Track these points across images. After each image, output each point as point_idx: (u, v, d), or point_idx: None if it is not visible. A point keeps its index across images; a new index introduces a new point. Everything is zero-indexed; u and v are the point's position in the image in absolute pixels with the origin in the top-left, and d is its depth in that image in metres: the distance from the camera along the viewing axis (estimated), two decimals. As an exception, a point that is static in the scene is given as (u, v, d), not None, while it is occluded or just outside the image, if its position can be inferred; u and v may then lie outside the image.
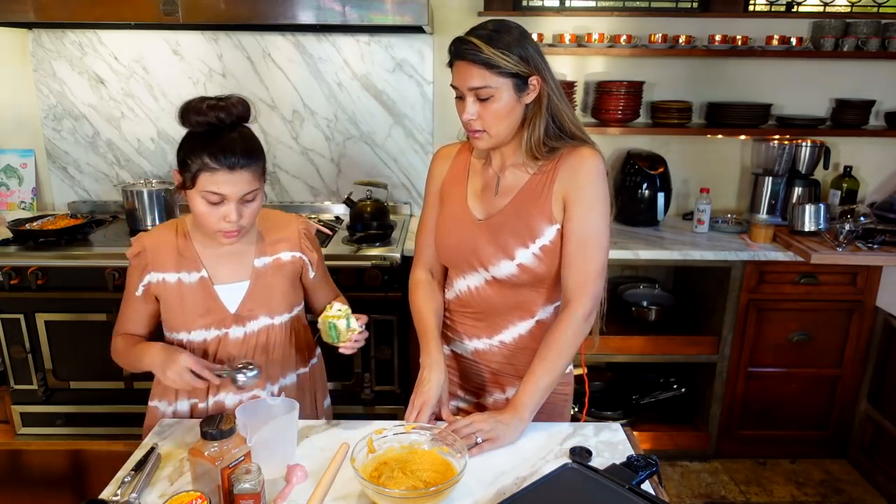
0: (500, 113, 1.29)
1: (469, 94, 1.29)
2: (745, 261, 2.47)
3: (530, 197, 1.36)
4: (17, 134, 2.87)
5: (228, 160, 1.25)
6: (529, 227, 1.35)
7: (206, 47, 2.76)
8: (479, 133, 1.32)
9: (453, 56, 1.30)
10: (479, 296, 1.44)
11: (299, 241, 1.48)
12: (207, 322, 1.41)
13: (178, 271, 1.39)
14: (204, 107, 1.27)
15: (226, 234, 1.32)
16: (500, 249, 1.37)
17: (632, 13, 2.85)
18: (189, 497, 0.99)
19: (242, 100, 1.32)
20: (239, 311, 1.41)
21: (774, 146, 2.77)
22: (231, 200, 1.28)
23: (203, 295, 1.39)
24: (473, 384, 1.52)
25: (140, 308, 1.44)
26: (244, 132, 1.32)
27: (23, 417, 2.50)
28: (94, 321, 2.38)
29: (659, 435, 2.73)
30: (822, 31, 2.75)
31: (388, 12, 2.29)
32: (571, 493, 1.05)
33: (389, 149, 2.89)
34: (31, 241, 2.40)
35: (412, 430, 1.25)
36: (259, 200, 1.35)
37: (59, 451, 1.56)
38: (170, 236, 1.41)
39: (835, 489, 2.58)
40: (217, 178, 1.26)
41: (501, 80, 1.26)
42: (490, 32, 1.26)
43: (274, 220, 1.50)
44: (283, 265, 1.46)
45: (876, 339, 2.57)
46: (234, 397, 1.44)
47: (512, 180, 1.40)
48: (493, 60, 1.24)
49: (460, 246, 1.42)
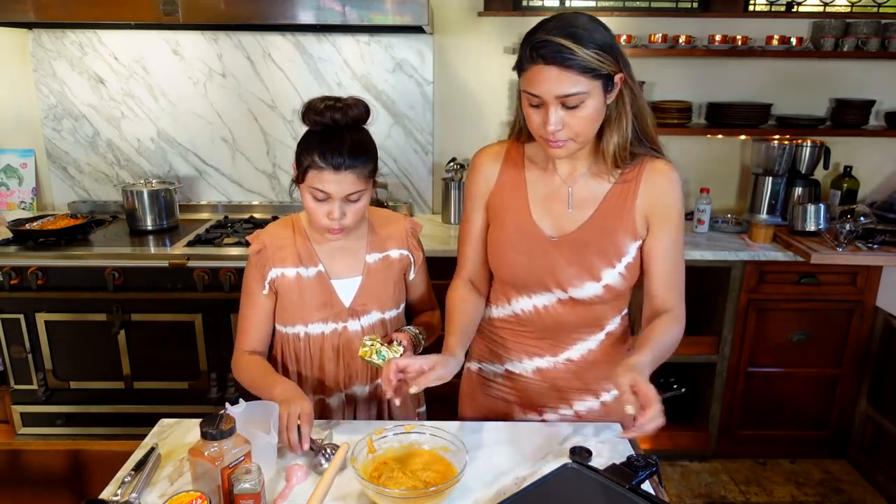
0: (591, 118, 1.16)
1: (555, 101, 1.13)
2: (745, 261, 2.47)
3: (613, 211, 1.27)
4: (17, 134, 2.87)
5: (335, 160, 1.29)
6: (616, 244, 1.27)
7: (206, 47, 2.76)
8: (562, 142, 1.18)
9: (534, 60, 1.12)
10: (548, 314, 1.34)
11: (406, 240, 1.50)
12: (325, 315, 1.44)
13: (297, 266, 1.43)
14: (322, 107, 1.31)
15: (330, 231, 1.36)
16: (585, 270, 1.27)
17: (632, 13, 2.85)
18: (189, 497, 0.99)
19: (360, 102, 1.35)
20: (353, 304, 1.45)
21: (774, 146, 2.77)
22: (335, 199, 1.32)
23: (321, 289, 1.43)
24: (536, 403, 1.43)
25: (265, 306, 1.46)
26: (357, 135, 1.34)
27: (23, 417, 2.50)
28: (94, 321, 2.38)
29: (659, 435, 2.69)
30: (822, 31, 2.75)
31: (388, 12, 2.29)
32: (571, 493, 1.05)
33: (389, 149, 2.89)
34: (31, 241, 2.40)
35: (412, 430, 1.25)
36: (364, 201, 1.37)
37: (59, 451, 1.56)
38: (287, 232, 1.45)
39: (835, 489, 2.58)
40: (323, 176, 1.30)
41: (594, 83, 1.13)
42: (577, 30, 1.11)
43: (383, 217, 1.53)
44: (392, 262, 1.48)
45: (876, 339, 2.56)
46: None
47: (587, 192, 1.28)
48: (590, 63, 1.10)
49: (532, 266, 1.31)
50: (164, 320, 2.39)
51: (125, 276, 2.34)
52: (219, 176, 2.92)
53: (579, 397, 1.40)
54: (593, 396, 1.41)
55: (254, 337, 1.46)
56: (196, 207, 2.91)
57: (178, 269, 2.33)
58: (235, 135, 2.86)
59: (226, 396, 2.43)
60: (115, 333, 2.37)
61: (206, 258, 2.34)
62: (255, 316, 1.46)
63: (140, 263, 2.35)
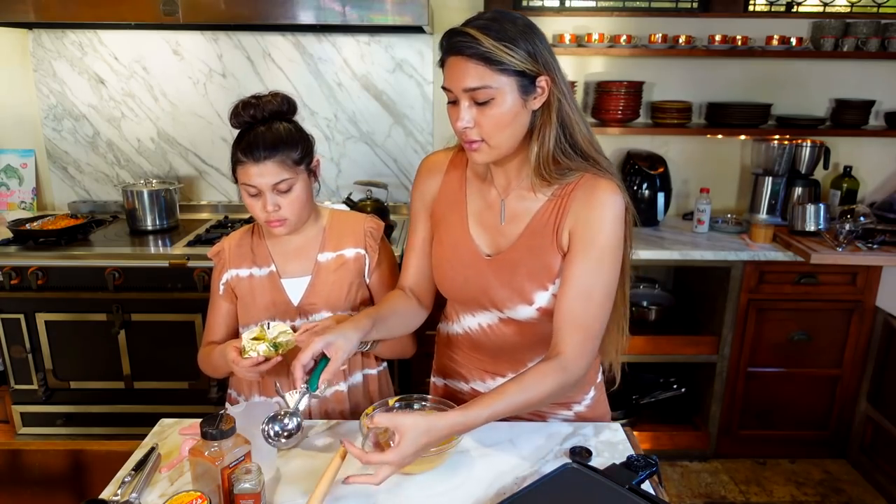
0: (502, 119, 1.08)
1: (464, 96, 1.08)
2: (745, 261, 2.47)
3: (541, 230, 1.18)
4: (17, 134, 2.87)
5: (255, 152, 1.31)
6: (547, 265, 1.17)
7: (206, 47, 2.76)
8: (476, 143, 1.11)
9: (445, 51, 1.09)
10: (494, 334, 1.28)
11: (364, 238, 1.47)
12: (272, 314, 1.45)
13: (251, 267, 1.46)
14: (240, 107, 1.36)
15: (270, 223, 1.37)
16: (516, 293, 1.19)
17: (632, 13, 2.86)
18: (189, 497, 0.99)
19: (279, 95, 1.38)
20: (301, 304, 1.44)
21: (774, 146, 2.77)
22: (264, 191, 1.33)
23: (271, 288, 1.44)
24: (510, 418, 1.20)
25: (222, 307, 1.50)
26: (275, 125, 1.35)
27: (23, 417, 2.50)
28: (94, 321, 2.38)
29: (659, 435, 2.73)
30: (821, 31, 2.75)
31: (388, 12, 2.29)
32: (571, 493, 1.05)
33: (389, 149, 2.89)
34: (32, 241, 2.40)
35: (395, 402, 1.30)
36: (298, 191, 1.36)
37: (59, 451, 1.56)
38: (247, 235, 1.50)
39: (834, 489, 2.58)
40: (248, 170, 1.33)
41: (504, 80, 1.06)
42: (489, 21, 1.06)
43: (343, 217, 1.53)
44: (347, 262, 1.46)
45: (876, 339, 2.57)
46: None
47: (520, 206, 1.20)
48: (493, 54, 1.04)
49: (468, 285, 1.25)
50: (164, 320, 2.39)
51: (125, 276, 2.34)
52: (219, 176, 2.92)
53: (552, 411, 1.36)
54: (565, 409, 1.37)
55: (215, 335, 1.51)
56: (196, 207, 2.91)
57: (179, 269, 2.33)
58: (235, 135, 2.85)
59: (226, 396, 2.43)
60: (115, 333, 2.37)
61: (206, 258, 2.30)
62: (215, 317, 1.51)
63: (140, 263, 2.35)
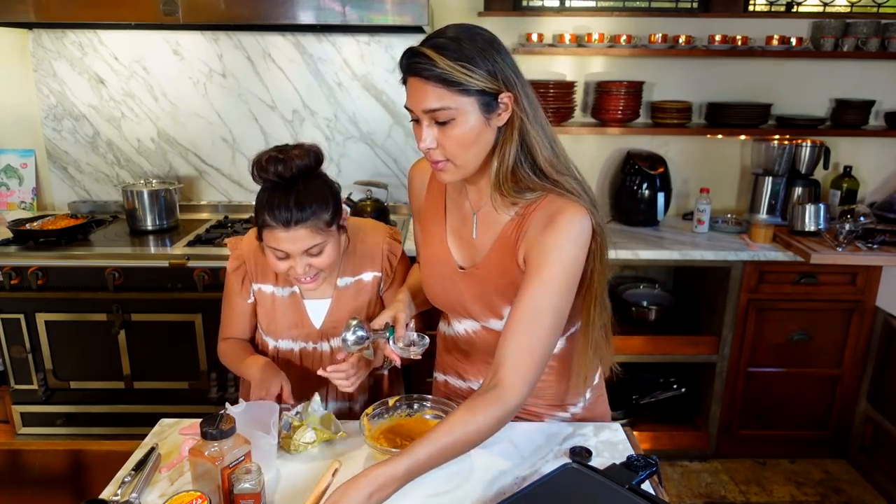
0: (465, 139, 1.06)
1: (425, 117, 1.06)
2: (745, 261, 2.47)
3: (505, 248, 1.16)
4: (17, 134, 2.87)
5: (283, 217, 1.23)
6: (513, 282, 1.15)
7: (206, 47, 2.76)
8: (441, 163, 1.09)
9: (404, 71, 1.07)
10: (479, 339, 1.29)
11: (381, 262, 1.47)
12: (294, 335, 1.46)
13: (275, 285, 1.45)
14: (264, 160, 1.25)
15: (301, 282, 1.34)
16: (488, 308, 1.20)
17: (632, 13, 2.85)
18: (189, 497, 0.99)
19: (309, 150, 1.28)
20: (323, 328, 1.46)
21: (774, 146, 2.77)
22: (294, 256, 1.28)
23: (294, 310, 1.44)
24: None
25: (241, 306, 1.49)
26: (305, 186, 1.26)
27: (23, 417, 2.50)
28: (94, 321, 2.38)
29: (659, 435, 2.73)
30: (821, 31, 2.75)
31: (388, 12, 2.29)
32: (571, 493, 1.05)
33: (389, 149, 2.89)
34: (32, 241, 2.40)
35: (395, 402, 1.32)
36: (328, 252, 1.30)
37: (59, 451, 1.56)
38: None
39: (834, 489, 2.58)
40: (276, 235, 1.25)
41: (464, 100, 1.03)
42: (447, 41, 1.04)
43: (362, 234, 1.47)
44: (365, 286, 1.47)
45: (876, 339, 2.57)
46: None
47: (489, 222, 1.19)
48: (451, 76, 1.02)
49: (446, 295, 1.27)
50: (164, 320, 2.39)
51: (125, 276, 2.34)
52: (219, 176, 2.92)
53: (549, 412, 1.36)
54: (562, 410, 1.37)
55: (234, 328, 1.51)
56: (196, 207, 2.91)
57: (179, 269, 2.33)
58: (235, 135, 2.86)
59: (226, 396, 2.43)
60: (115, 333, 2.37)
61: (206, 258, 2.34)
62: (234, 315, 1.51)
63: (140, 263, 2.35)
